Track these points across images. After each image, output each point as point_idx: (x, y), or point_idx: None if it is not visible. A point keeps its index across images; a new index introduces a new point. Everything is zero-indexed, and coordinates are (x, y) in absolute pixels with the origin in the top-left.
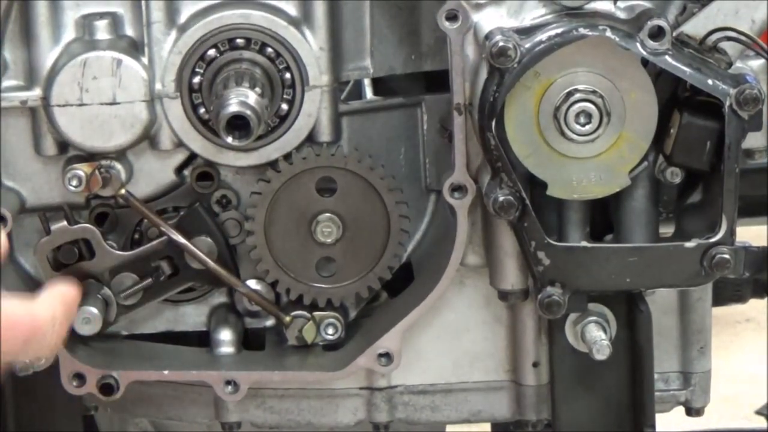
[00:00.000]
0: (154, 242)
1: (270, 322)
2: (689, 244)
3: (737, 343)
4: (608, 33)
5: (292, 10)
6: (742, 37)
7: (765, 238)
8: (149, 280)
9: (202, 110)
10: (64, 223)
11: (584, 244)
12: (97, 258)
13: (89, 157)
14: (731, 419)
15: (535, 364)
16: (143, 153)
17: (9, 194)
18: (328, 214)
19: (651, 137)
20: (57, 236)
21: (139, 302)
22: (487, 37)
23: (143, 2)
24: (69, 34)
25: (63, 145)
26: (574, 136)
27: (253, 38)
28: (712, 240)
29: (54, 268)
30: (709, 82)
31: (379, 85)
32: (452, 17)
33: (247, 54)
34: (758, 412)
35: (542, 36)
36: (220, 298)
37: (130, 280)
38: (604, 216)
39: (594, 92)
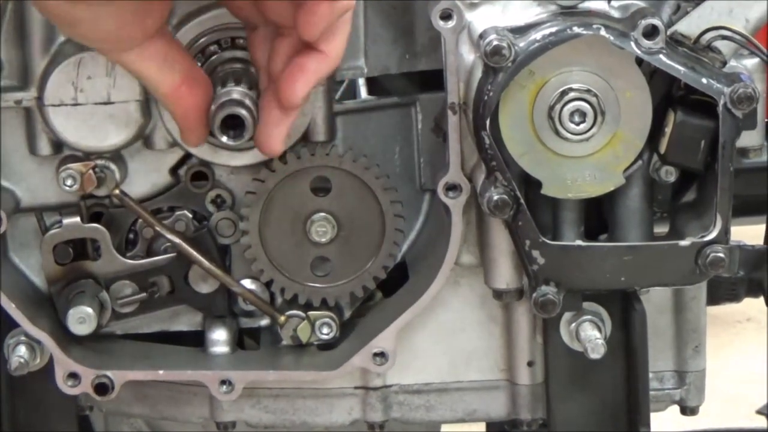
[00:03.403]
0: (161, 257)
1: (265, 321)
2: (684, 243)
3: (738, 342)
4: (603, 32)
5: None
6: (737, 36)
7: (761, 237)
8: (143, 294)
9: None
10: (78, 219)
11: (579, 243)
12: (103, 261)
13: (84, 156)
14: (732, 419)
15: (530, 364)
16: (138, 153)
17: (4, 194)
18: (322, 214)
19: (645, 136)
20: (67, 231)
21: (133, 313)
22: (482, 36)
23: None
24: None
25: (58, 144)
26: (569, 135)
27: None
28: (707, 239)
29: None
30: (704, 80)
31: (373, 84)
32: (446, 16)
33: (240, 53)
34: (759, 412)
35: (537, 35)
36: None
37: (129, 289)
38: (598, 215)
39: (588, 91)
